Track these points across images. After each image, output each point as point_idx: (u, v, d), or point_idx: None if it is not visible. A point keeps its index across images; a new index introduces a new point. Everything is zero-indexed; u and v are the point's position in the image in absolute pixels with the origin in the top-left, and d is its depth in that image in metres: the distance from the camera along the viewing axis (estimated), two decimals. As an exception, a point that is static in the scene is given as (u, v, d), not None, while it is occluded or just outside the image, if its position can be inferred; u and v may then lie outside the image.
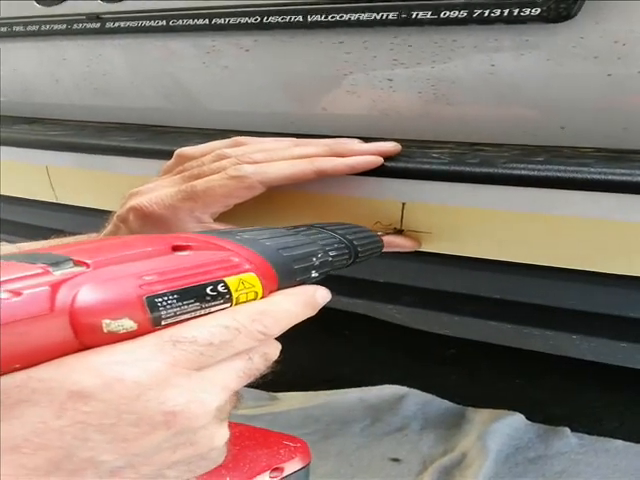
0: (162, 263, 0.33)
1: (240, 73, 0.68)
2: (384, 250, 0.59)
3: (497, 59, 0.55)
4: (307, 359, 1.28)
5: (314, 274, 0.42)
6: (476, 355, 1.19)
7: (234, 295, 0.33)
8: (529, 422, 1.02)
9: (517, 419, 1.02)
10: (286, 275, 0.38)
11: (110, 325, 0.28)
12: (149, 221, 0.54)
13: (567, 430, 0.99)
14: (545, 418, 1.03)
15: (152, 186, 0.56)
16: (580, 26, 0.51)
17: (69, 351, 0.27)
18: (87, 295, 0.28)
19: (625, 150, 0.54)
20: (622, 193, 0.49)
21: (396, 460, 0.96)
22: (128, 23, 0.69)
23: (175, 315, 0.30)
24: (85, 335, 0.27)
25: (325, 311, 1.00)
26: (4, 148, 0.82)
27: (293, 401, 1.10)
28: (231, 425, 0.45)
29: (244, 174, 0.53)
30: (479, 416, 1.03)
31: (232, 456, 0.41)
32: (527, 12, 0.50)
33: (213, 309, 0.32)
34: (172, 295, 0.30)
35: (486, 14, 0.51)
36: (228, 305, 0.33)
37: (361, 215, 0.59)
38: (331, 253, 0.44)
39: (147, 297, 0.29)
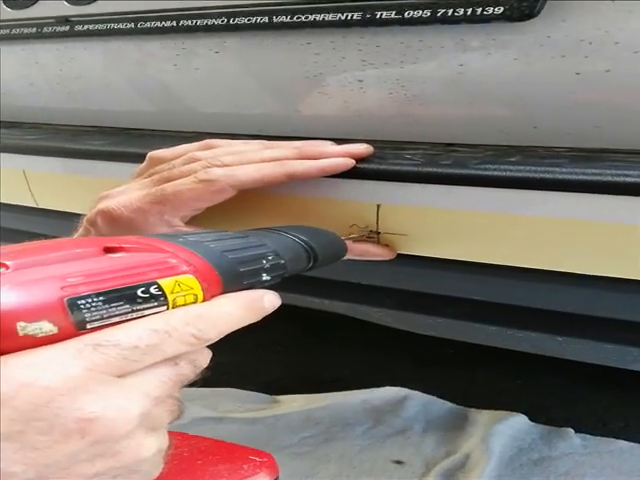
0: (89, 265, 0.31)
1: (211, 75, 0.67)
2: (360, 259, 0.58)
3: (465, 59, 0.54)
4: (307, 362, 1.27)
5: (265, 277, 0.40)
6: (478, 356, 1.19)
7: (169, 298, 0.32)
8: (532, 423, 1.01)
9: (520, 420, 1.01)
10: (231, 278, 0.37)
11: (26, 328, 0.27)
12: (118, 225, 0.53)
13: (571, 431, 0.98)
14: (548, 419, 1.03)
15: (122, 189, 0.56)
16: (546, 25, 0.50)
17: None
18: (1, 297, 0.26)
19: (597, 149, 0.53)
20: (594, 193, 0.48)
21: (399, 462, 0.95)
22: (97, 26, 0.68)
23: (102, 318, 0.29)
24: (0, 340, 0.26)
25: (323, 314, 0.99)
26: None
27: (294, 404, 1.09)
28: (196, 439, 0.44)
29: (214, 177, 0.52)
30: (482, 417, 1.02)
31: (190, 470, 0.40)
32: (490, 11, 0.49)
33: (146, 312, 0.31)
34: (97, 297, 0.29)
35: (450, 13, 0.50)
36: (164, 308, 0.32)
37: (336, 218, 0.59)
38: (285, 256, 0.43)
39: (69, 299, 0.28)
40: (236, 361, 1.29)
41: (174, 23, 0.64)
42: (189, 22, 0.63)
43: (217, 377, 1.21)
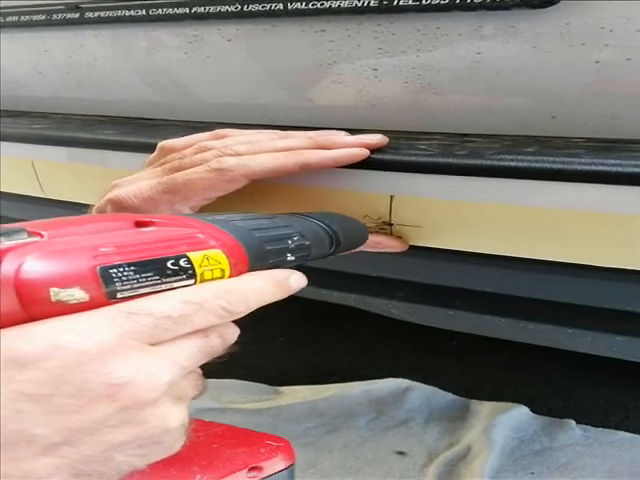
0: (121, 236, 0.32)
1: (223, 63, 0.67)
2: (372, 250, 0.57)
3: (483, 47, 0.53)
4: (310, 354, 1.27)
5: (290, 257, 0.41)
6: (479, 347, 1.19)
7: (198, 271, 0.32)
8: (534, 414, 1.01)
9: (522, 411, 1.01)
10: (258, 255, 0.37)
11: (58, 294, 0.27)
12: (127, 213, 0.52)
13: (572, 422, 0.99)
14: (549, 410, 1.03)
15: (132, 178, 0.55)
16: (566, 12, 0.49)
17: (17, 322, 0.26)
18: (35, 263, 0.27)
19: (615, 140, 0.52)
20: (612, 184, 0.48)
21: (401, 453, 0.96)
22: (108, 13, 0.68)
23: (132, 289, 0.29)
24: (32, 305, 0.26)
25: (326, 305, 0.99)
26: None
27: (297, 395, 1.10)
28: (212, 424, 0.43)
29: (226, 166, 0.51)
30: (484, 409, 1.02)
31: (207, 453, 0.40)
32: (510, -3, 0.48)
33: (175, 284, 0.31)
34: (128, 267, 0.29)
35: (469, 0, 0.50)
36: (192, 282, 0.32)
37: (349, 208, 0.58)
38: (309, 238, 0.43)
39: (101, 267, 0.28)
40: (240, 353, 1.29)
41: (186, 10, 0.63)
42: (201, 9, 0.62)
43: (220, 369, 1.21)
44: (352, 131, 0.58)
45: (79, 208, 0.72)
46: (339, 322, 1.35)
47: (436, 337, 1.12)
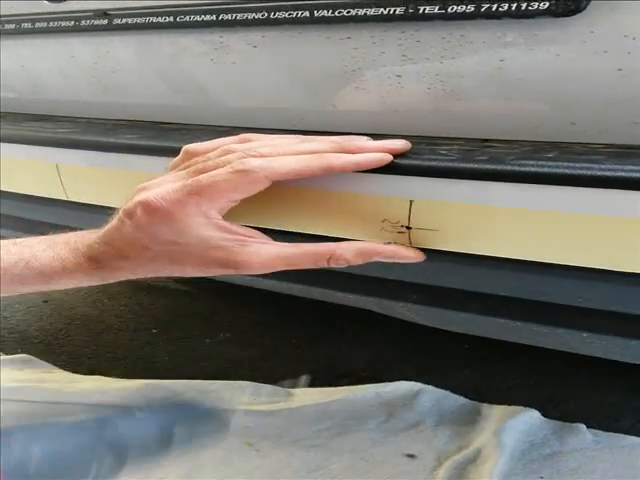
0: None
1: (248, 69, 0.68)
2: (389, 261, 0.58)
3: (506, 54, 0.55)
4: (321, 356, 1.28)
5: None
6: (491, 351, 1.19)
7: None
8: (545, 418, 1.01)
9: (533, 415, 1.01)
10: None
11: None
12: (157, 216, 0.54)
13: (583, 427, 0.99)
14: (561, 414, 1.03)
15: (158, 181, 0.57)
16: (589, 20, 0.50)
17: None
18: None
19: (634, 146, 0.53)
20: (633, 190, 0.49)
21: (411, 456, 0.96)
22: (135, 19, 0.69)
23: None
24: None
25: (339, 308, 1.00)
26: (15, 145, 0.82)
27: (309, 397, 1.10)
28: None
29: (249, 168, 0.53)
30: (494, 412, 1.03)
31: None
32: (535, 6, 0.49)
33: None
34: None
35: (494, 8, 0.51)
36: None
37: (368, 213, 0.59)
38: None
39: None
40: (251, 355, 1.30)
41: (213, 17, 0.65)
42: (228, 16, 0.64)
43: (233, 371, 1.22)
44: (375, 136, 0.59)
45: (102, 211, 0.73)
46: (352, 325, 1.36)
47: (448, 340, 1.12)
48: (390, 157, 0.55)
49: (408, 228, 0.58)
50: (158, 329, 1.46)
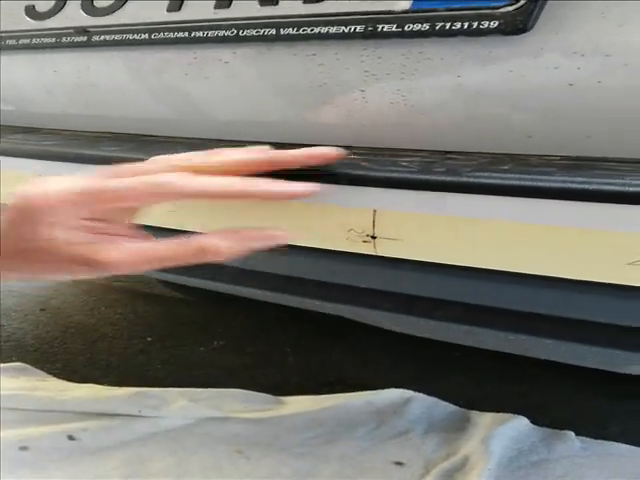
0: None
1: (221, 84, 0.70)
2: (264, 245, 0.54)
3: (463, 70, 0.56)
4: (313, 364, 1.30)
5: None
6: (482, 359, 1.20)
7: None
8: (533, 426, 1.02)
9: (521, 422, 1.02)
10: None
11: None
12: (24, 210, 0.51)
13: (571, 434, 1.00)
14: (550, 422, 1.04)
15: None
16: (539, 38, 0.52)
17: None
18: None
19: (588, 158, 0.55)
20: (582, 201, 0.50)
21: (399, 464, 0.97)
22: (113, 36, 0.71)
23: None
24: None
25: (328, 317, 1.01)
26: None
27: (299, 405, 1.11)
28: None
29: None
30: (483, 420, 1.03)
31: None
32: (486, 25, 0.51)
33: None
34: None
35: (447, 27, 0.53)
36: None
37: (334, 222, 0.61)
38: None
39: None
40: (243, 362, 1.32)
41: (187, 34, 0.67)
42: (201, 33, 0.66)
43: (224, 378, 1.24)
44: (345, 148, 0.61)
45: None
46: (342, 333, 1.38)
47: (439, 348, 1.14)
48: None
49: (373, 237, 0.60)
50: (153, 337, 1.48)
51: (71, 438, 1.01)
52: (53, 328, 1.54)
